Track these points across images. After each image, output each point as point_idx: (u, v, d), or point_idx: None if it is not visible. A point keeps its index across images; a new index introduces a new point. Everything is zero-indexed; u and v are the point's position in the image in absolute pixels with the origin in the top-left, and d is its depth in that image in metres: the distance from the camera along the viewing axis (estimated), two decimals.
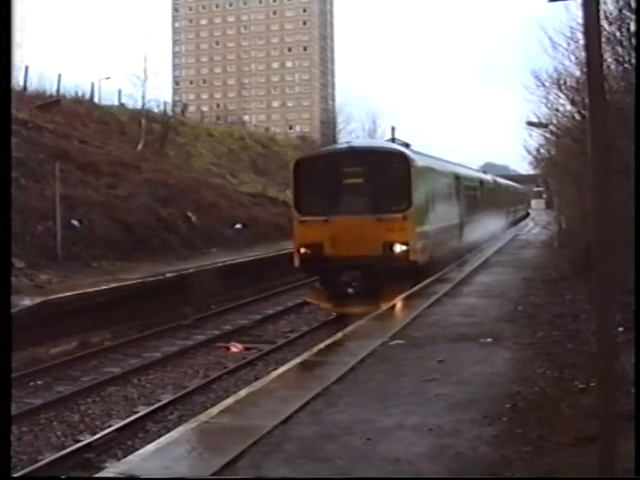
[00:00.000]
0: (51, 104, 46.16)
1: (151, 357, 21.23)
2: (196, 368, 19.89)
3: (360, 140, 57.13)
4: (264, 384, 12.14)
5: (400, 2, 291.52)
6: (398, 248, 24.36)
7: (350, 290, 24.19)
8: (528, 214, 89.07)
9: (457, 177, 35.57)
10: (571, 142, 26.04)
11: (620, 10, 15.73)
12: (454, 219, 33.09)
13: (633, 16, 14.16)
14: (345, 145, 29.47)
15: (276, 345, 22.51)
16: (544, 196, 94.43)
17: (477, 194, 42.69)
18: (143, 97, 56.92)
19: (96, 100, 57.91)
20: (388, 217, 24.50)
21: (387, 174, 25.24)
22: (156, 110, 60.03)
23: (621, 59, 15.97)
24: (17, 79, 48.43)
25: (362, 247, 24.06)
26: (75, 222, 31.48)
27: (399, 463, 8.31)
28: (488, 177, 53.40)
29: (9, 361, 6.15)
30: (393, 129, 50.51)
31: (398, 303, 20.71)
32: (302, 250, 25.23)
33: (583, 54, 17.77)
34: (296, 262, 25.68)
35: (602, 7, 14.44)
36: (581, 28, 17.25)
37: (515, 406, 10.37)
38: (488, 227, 44.69)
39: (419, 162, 26.85)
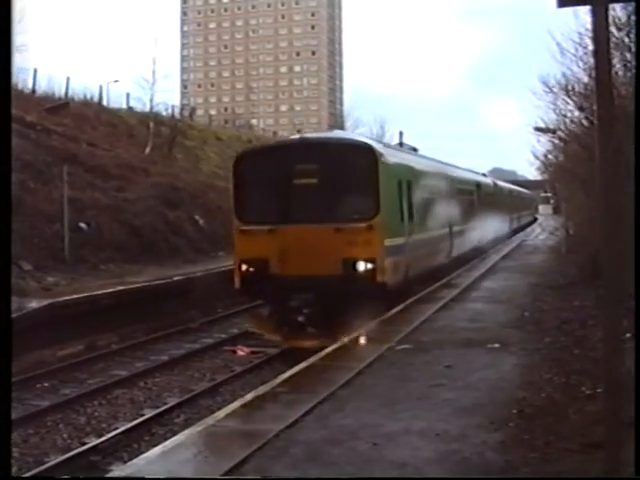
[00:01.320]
0: (60, 107, 46.21)
1: (158, 360, 21.20)
2: (203, 371, 19.86)
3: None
4: (270, 388, 12.14)
5: (409, 7, 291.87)
6: (362, 266, 19.76)
7: (301, 318, 19.84)
8: (535, 219, 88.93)
9: (447, 179, 31.17)
10: (579, 148, 26.04)
11: (629, 16, 15.74)
12: (441, 228, 28.29)
13: None
14: (297, 137, 24.92)
15: (282, 349, 22.36)
16: (552, 202, 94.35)
17: (473, 199, 38.59)
18: (151, 100, 56.94)
19: (104, 103, 57.92)
20: (349, 227, 19.81)
21: (349, 172, 20.46)
22: (164, 113, 60.07)
23: (629, 65, 15.98)
24: (26, 82, 48.71)
25: (317, 265, 19.64)
26: (83, 225, 31.51)
27: (405, 468, 8.30)
28: (487, 180, 49.09)
29: (9, 363, 6.16)
30: (401, 134, 50.41)
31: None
32: (243, 267, 20.75)
33: (591, 60, 17.78)
34: (236, 282, 21.10)
35: (611, 13, 14.41)
36: (589, 34, 17.27)
37: (522, 412, 10.35)
38: (486, 236, 41.02)
39: (391, 158, 22.21)
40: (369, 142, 22.40)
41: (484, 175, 50.43)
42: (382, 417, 10.27)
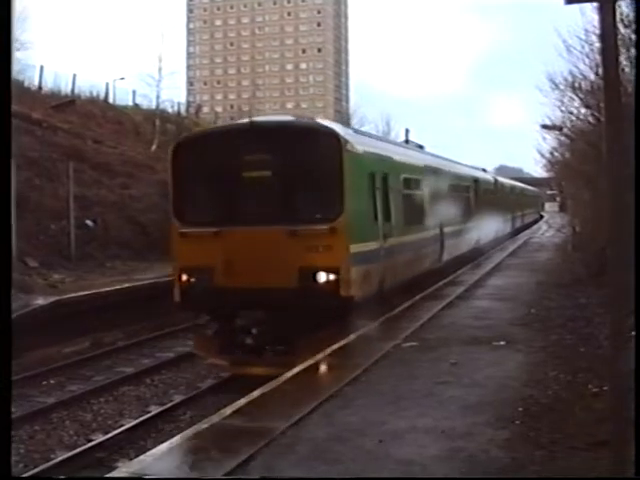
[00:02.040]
0: (66, 104, 46.27)
1: (164, 357, 21.25)
2: (209, 368, 19.88)
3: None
4: (277, 385, 12.13)
5: (414, 4, 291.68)
6: (323, 277, 16.59)
7: (248, 340, 17.00)
8: (541, 217, 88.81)
9: (437, 173, 27.64)
10: (585, 145, 25.99)
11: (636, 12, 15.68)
12: (429, 230, 25.10)
13: None
14: (245, 121, 19.95)
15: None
16: (558, 199, 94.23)
17: (469, 196, 35.03)
18: (157, 97, 56.97)
19: (111, 100, 57.98)
20: (307, 229, 16.68)
21: (307, 163, 17.33)
22: (170, 111, 60.16)
23: (635, 62, 15.93)
24: (32, 79, 48.82)
25: (268, 275, 16.63)
26: (89, 222, 31.58)
27: (411, 465, 8.30)
28: (487, 176, 45.33)
29: (9, 362, 6.17)
30: (407, 131, 50.43)
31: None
32: (184, 277, 17.58)
33: (597, 57, 17.80)
34: (175, 295, 17.83)
35: (617, 9, 14.40)
36: (596, 31, 17.26)
37: (528, 409, 10.34)
38: (485, 237, 38.13)
39: (361, 146, 18.44)
40: (332, 126, 18.68)
41: (484, 171, 47.01)
42: (388, 414, 10.26)
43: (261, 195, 17.46)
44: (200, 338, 19.07)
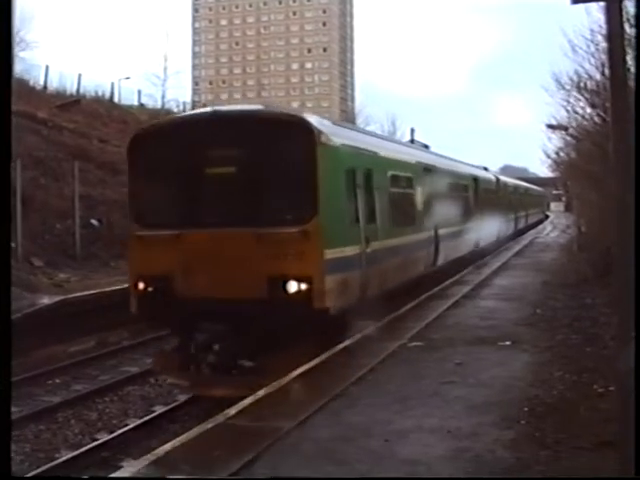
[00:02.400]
0: (71, 104, 46.31)
1: None
2: None
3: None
4: (282, 384, 12.13)
5: (419, 4, 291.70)
6: (294, 287, 14.59)
7: (211, 358, 14.93)
8: (547, 217, 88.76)
9: (431, 171, 25.43)
10: (591, 145, 25.95)
11: None
12: (421, 232, 23.11)
13: None
14: (208, 110, 18.92)
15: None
16: (563, 199, 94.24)
17: (468, 195, 33.15)
18: (163, 97, 57.29)
19: (116, 100, 58.05)
20: (277, 233, 14.72)
21: (277, 158, 15.43)
22: (176, 110, 60.29)
23: (635, 62, 15.91)
24: (37, 78, 48.89)
25: (233, 284, 14.74)
26: (94, 221, 31.58)
27: (417, 465, 8.31)
28: (488, 174, 42.93)
29: (9, 362, 6.16)
30: (412, 131, 50.48)
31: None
32: (140, 285, 15.75)
33: (603, 56, 17.77)
34: (132, 305, 16.06)
35: (623, 9, 14.38)
36: (601, 30, 17.23)
37: (533, 410, 10.35)
38: (485, 238, 36.21)
39: (338, 139, 16.43)
40: (305, 117, 16.35)
41: (485, 169, 44.22)
42: (394, 414, 10.27)
43: (225, 194, 15.64)
44: (159, 354, 17.32)
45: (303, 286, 14.60)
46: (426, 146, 33.02)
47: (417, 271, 22.68)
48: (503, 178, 49.87)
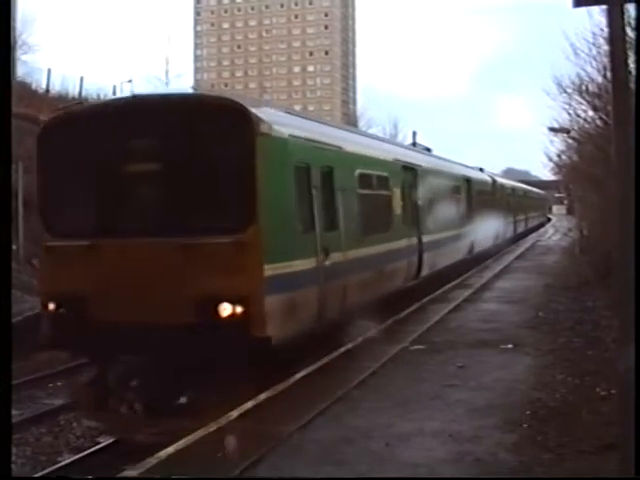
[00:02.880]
0: (73, 106, 46.30)
1: None
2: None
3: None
4: (284, 388, 12.13)
5: (421, 7, 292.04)
6: (227, 310, 11.97)
7: (129, 395, 12.59)
8: (549, 220, 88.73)
9: (411, 169, 22.59)
10: (593, 148, 25.93)
11: None
12: (401, 239, 20.37)
13: None
14: (127, 97, 16.75)
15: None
16: (565, 202, 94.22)
17: (460, 198, 30.56)
18: None
19: None
20: (207, 244, 12.14)
21: (207, 153, 12.87)
22: None
23: (636, 63, 15.93)
24: (40, 81, 48.85)
25: (156, 306, 12.11)
26: None
27: (418, 468, 8.31)
28: (483, 176, 40.34)
29: (9, 363, 6.15)
30: (414, 133, 50.48)
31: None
32: (51, 306, 13.10)
33: (605, 59, 17.77)
34: (43, 329, 13.43)
35: (625, 12, 14.40)
36: (604, 34, 17.22)
37: (535, 413, 10.35)
38: (480, 244, 33.94)
39: (284, 130, 13.67)
40: (241, 101, 13.33)
41: (481, 170, 41.64)
42: (395, 417, 10.28)
43: (146, 196, 13.11)
44: (77, 386, 15.08)
45: (238, 309, 11.95)
46: (428, 149, 32.89)
47: (395, 284, 19.93)
48: (500, 179, 47.93)
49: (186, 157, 12.87)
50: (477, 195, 34.40)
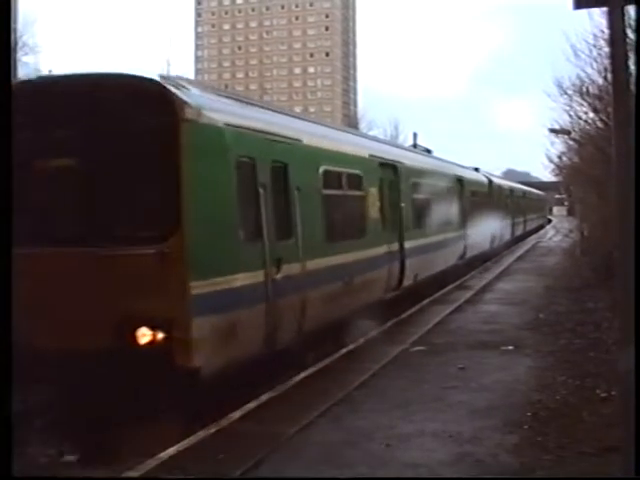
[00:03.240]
0: None
1: None
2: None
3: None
4: (285, 389, 12.12)
5: (422, 8, 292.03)
6: (146, 335, 9.95)
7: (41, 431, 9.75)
8: (549, 221, 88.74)
9: (390, 167, 20.16)
10: (593, 149, 25.94)
11: None
12: (377, 245, 18.13)
13: None
14: (44, 76, 15.00)
15: None
16: (566, 203, 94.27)
17: (451, 199, 27.91)
18: None
19: None
20: (124, 256, 10.14)
21: (123, 144, 10.53)
22: None
23: (636, 64, 15.94)
24: None
25: (68, 327, 10.10)
26: None
27: (419, 469, 8.31)
28: (478, 176, 38.28)
29: (10, 362, 6.13)
30: (415, 135, 50.57)
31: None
32: None
33: (606, 61, 17.78)
34: None
35: (625, 14, 14.41)
36: (604, 35, 17.24)
37: (536, 414, 10.34)
38: (473, 248, 31.53)
39: (219, 117, 11.40)
40: (161, 81, 11.01)
41: (476, 170, 39.38)
42: (396, 419, 10.27)
43: (57, 197, 10.95)
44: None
45: (159, 335, 9.92)
46: (428, 150, 32.90)
47: (371, 296, 17.52)
48: (497, 180, 45.78)
49: (99, 150, 10.62)
50: (471, 196, 32.65)
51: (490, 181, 40.45)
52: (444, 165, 30.61)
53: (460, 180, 30.51)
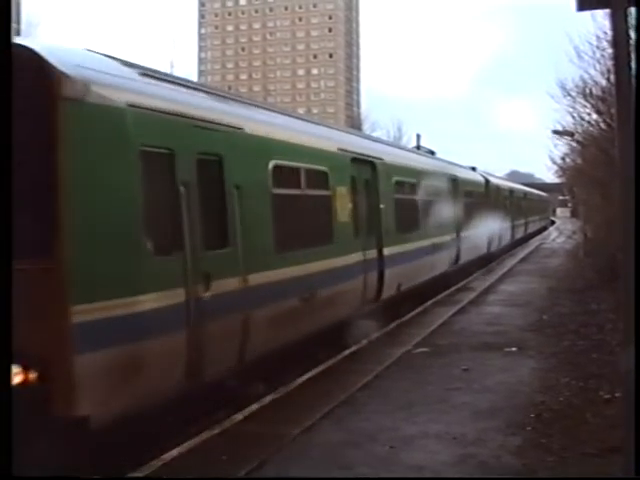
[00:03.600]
0: None
1: None
2: None
3: None
4: (288, 391, 12.12)
5: (425, 10, 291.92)
6: (17, 376, 7.57)
7: None
8: (553, 222, 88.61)
9: (361, 163, 17.59)
10: (597, 151, 25.93)
11: None
12: (348, 254, 15.91)
13: None
14: None
15: None
16: (569, 205, 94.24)
17: (442, 200, 25.27)
18: None
19: None
20: None
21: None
22: None
23: (636, 64, 15.94)
24: None
25: None
26: None
27: (422, 471, 8.31)
28: (475, 176, 36.39)
29: (9, 361, 6.07)
30: (418, 136, 50.48)
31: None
32: None
33: (609, 63, 17.78)
34: None
35: (628, 16, 14.40)
36: (607, 37, 17.23)
37: (539, 416, 10.34)
38: (468, 253, 29.66)
39: (118, 95, 9.07)
40: (33, 46, 8.43)
41: (473, 169, 37.67)
42: (399, 420, 10.27)
43: None
44: None
45: (32, 375, 7.82)
46: (432, 152, 32.82)
47: (342, 312, 15.59)
48: (495, 180, 43.21)
49: None
50: (466, 197, 30.52)
51: (487, 181, 38.23)
52: (434, 163, 28.71)
53: (453, 179, 28.45)
